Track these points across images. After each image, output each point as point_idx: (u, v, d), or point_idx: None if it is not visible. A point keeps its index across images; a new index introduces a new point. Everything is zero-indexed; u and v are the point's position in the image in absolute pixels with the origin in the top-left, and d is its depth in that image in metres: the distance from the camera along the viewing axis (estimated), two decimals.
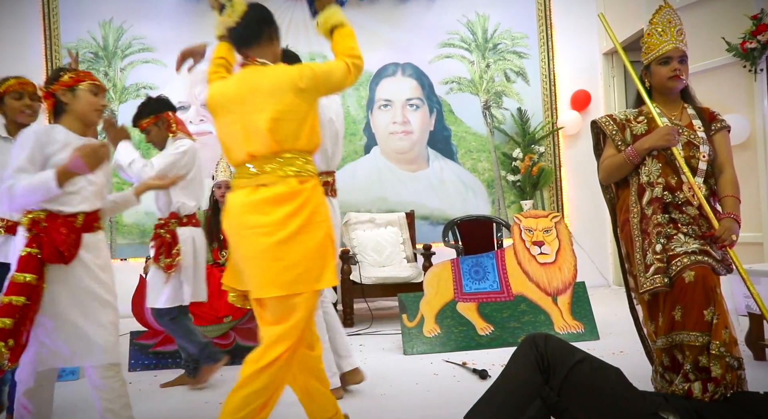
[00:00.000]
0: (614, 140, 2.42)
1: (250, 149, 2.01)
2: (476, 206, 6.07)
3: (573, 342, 2.51)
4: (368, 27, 6.02)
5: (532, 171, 5.89)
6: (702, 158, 2.30)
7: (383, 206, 5.94)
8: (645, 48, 2.40)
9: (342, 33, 2.27)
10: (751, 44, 4.22)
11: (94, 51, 5.79)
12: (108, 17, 5.82)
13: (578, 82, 6.16)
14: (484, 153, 6.15)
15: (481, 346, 3.77)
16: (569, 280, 3.96)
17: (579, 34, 6.16)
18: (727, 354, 2.06)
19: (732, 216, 2.23)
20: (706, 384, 2.06)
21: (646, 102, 2.40)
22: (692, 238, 2.23)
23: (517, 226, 4.10)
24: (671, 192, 2.29)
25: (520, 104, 6.14)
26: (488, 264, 4.05)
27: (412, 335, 3.81)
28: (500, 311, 3.91)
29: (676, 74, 2.32)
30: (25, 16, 5.67)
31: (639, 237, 2.29)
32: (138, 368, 3.54)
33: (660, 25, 2.36)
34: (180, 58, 2.53)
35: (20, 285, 2.01)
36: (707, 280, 2.12)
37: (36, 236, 2.06)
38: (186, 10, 5.88)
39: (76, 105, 2.19)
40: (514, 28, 6.18)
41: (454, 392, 2.92)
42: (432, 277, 4.00)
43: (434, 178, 6.07)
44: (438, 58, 6.12)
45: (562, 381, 1.70)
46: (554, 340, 1.77)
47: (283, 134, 2.01)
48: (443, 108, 6.12)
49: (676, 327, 2.16)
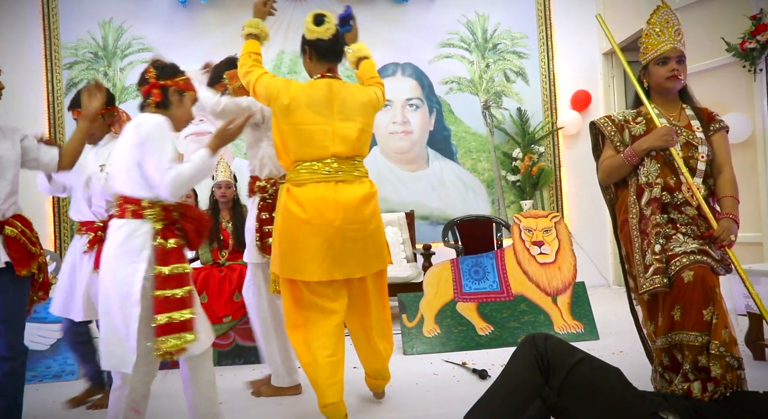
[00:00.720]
0: (613, 141, 2.42)
1: (337, 150, 2.42)
2: (476, 206, 6.08)
3: (573, 342, 2.51)
4: (368, 27, 6.00)
5: (531, 171, 5.90)
6: (701, 158, 2.31)
7: (383, 206, 5.93)
8: (643, 48, 2.41)
9: (368, 64, 2.73)
10: (751, 44, 4.22)
11: (93, 51, 5.78)
12: (108, 17, 5.82)
13: (578, 82, 6.16)
14: (483, 153, 6.15)
15: (480, 346, 3.77)
16: (569, 280, 3.96)
17: (579, 34, 6.15)
18: (726, 354, 2.07)
19: (731, 216, 2.23)
20: (706, 383, 2.06)
21: (644, 102, 2.41)
22: (691, 238, 2.23)
23: (517, 226, 4.10)
24: (670, 192, 2.29)
25: (520, 104, 6.14)
26: (488, 264, 4.05)
27: (412, 335, 3.81)
28: (500, 311, 3.91)
29: (674, 74, 2.32)
30: (25, 16, 5.67)
31: (638, 237, 2.30)
32: None
33: (658, 25, 2.36)
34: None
35: (182, 276, 2.04)
36: (706, 280, 2.12)
37: (170, 226, 2.07)
38: (185, 10, 5.89)
39: (179, 109, 2.22)
40: (513, 28, 6.18)
41: (454, 392, 2.92)
42: (432, 277, 4.00)
43: (434, 178, 6.08)
44: (438, 58, 6.13)
45: (561, 381, 1.70)
46: (554, 340, 1.78)
47: (362, 143, 2.50)
48: (443, 108, 6.13)
49: (675, 327, 2.16)
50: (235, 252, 3.88)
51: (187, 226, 2.10)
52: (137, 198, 2.05)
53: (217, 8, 5.90)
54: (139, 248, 2.01)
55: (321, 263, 2.37)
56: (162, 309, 1.99)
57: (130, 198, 2.06)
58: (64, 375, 3.42)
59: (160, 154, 2.02)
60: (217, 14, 5.89)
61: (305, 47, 2.56)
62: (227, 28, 5.80)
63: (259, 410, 2.81)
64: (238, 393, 3.07)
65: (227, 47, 5.56)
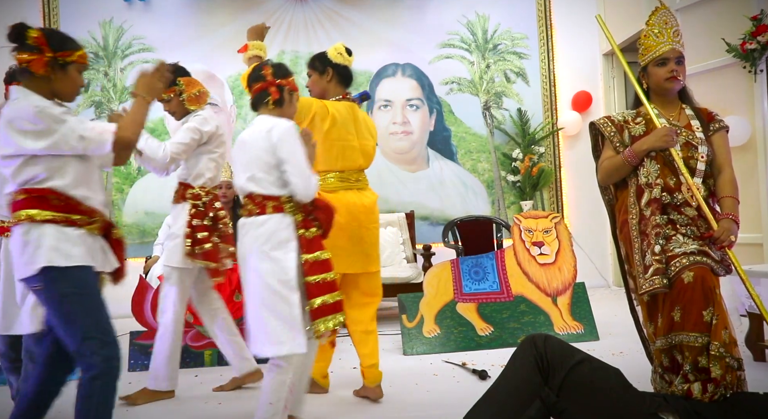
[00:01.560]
0: (612, 142, 2.42)
1: (362, 163, 2.84)
2: (476, 206, 6.08)
3: (573, 342, 2.51)
4: (368, 27, 6.03)
5: (532, 171, 5.90)
6: (700, 159, 2.30)
7: (383, 206, 5.92)
8: (642, 49, 2.41)
9: None
10: (751, 45, 4.22)
11: (94, 51, 5.78)
12: (108, 17, 5.82)
13: (578, 83, 6.16)
14: (484, 153, 6.15)
15: (480, 347, 3.77)
16: (569, 281, 3.96)
17: (579, 34, 6.15)
18: (726, 355, 2.06)
19: (730, 216, 2.23)
20: (706, 384, 2.06)
21: (644, 103, 2.41)
22: (691, 239, 2.23)
23: (517, 227, 4.10)
24: (670, 193, 2.29)
25: (520, 105, 6.14)
26: (488, 265, 4.05)
27: (412, 335, 3.81)
28: (500, 311, 3.91)
29: (674, 75, 2.32)
30: (26, 15, 5.64)
31: (638, 238, 2.29)
32: (138, 368, 3.54)
33: (656, 26, 2.36)
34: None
35: (326, 262, 2.23)
36: (706, 281, 2.12)
37: (307, 218, 2.23)
38: (186, 10, 5.89)
39: (290, 109, 2.36)
40: (514, 29, 6.18)
41: (453, 392, 2.92)
42: (432, 278, 4.00)
43: (434, 178, 6.08)
44: (438, 58, 6.13)
45: (561, 381, 1.70)
46: (554, 341, 1.78)
47: (373, 157, 2.92)
48: (443, 108, 6.13)
49: (675, 327, 2.16)
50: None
51: (320, 216, 2.26)
52: (276, 195, 2.20)
53: (217, 8, 5.90)
54: (287, 239, 2.18)
55: (355, 259, 2.77)
56: (316, 294, 2.17)
57: (268, 195, 2.19)
58: None
59: (297, 160, 2.18)
60: (218, 14, 5.89)
61: (328, 69, 2.80)
62: (227, 29, 5.80)
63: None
64: (238, 392, 3.08)
65: (227, 47, 5.59)
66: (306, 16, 5.94)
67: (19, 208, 1.93)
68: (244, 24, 6.48)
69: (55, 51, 1.97)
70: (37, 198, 1.92)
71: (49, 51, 1.96)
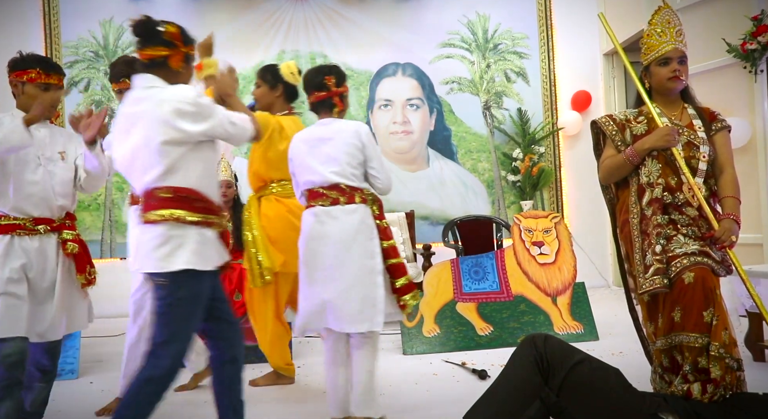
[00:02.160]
0: (614, 140, 2.42)
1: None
2: (476, 206, 6.08)
3: (572, 342, 2.51)
4: (368, 27, 6.03)
5: (532, 171, 5.90)
6: (702, 158, 2.30)
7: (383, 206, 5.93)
8: (644, 49, 2.40)
9: None
10: (752, 45, 4.22)
11: (94, 50, 5.79)
12: (108, 16, 5.82)
13: (578, 83, 6.16)
14: (484, 153, 6.15)
15: (480, 346, 3.77)
16: (569, 281, 3.96)
17: (579, 34, 6.15)
18: (726, 356, 2.06)
19: (732, 217, 2.22)
20: (706, 385, 2.06)
21: (646, 102, 2.40)
22: (692, 239, 2.23)
23: (517, 227, 4.10)
24: (671, 193, 2.28)
25: (521, 104, 6.14)
26: (488, 265, 4.05)
27: (412, 335, 3.81)
28: (500, 311, 3.91)
29: (676, 75, 2.32)
30: (26, 15, 5.67)
31: (638, 238, 2.29)
32: None
33: (659, 25, 2.36)
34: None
35: (396, 248, 2.46)
36: (706, 281, 2.12)
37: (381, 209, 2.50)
38: (186, 9, 5.88)
39: (345, 113, 2.58)
40: (514, 29, 6.18)
41: (453, 392, 2.92)
42: (432, 277, 4.00)
43: (434, 178, 6.08)
44: (438, 58, 6.13)
45: (561, 381, 1.70)
46: (554, 341, 1.78)
47: None
48: (443, 108, 6.13)
49: (675, 328, 2.16)
50: (235, 252, 3.87)
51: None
52: (361, 187, 2.44)
53: (217, 8, 5.89)
54: (372, 226, 2.42)
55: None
56: (400, 274, 2.42)
57: (355, 187, 2.42)
58: (64, 374, 3.41)
59: (379, 159, 2.47)
60: (218, 14, 5.89)
61: (279, 85, 2.99)
62: (228, 27, 5.80)
63: (260, 408, 2.81)
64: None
65: (228, 46, 5.59)
66: (306, 15, 5.94)
67: (162, 207, 1.94)
68: (244, 24, 6.47)
69: (186, 46, 2.09)
70: (183, 198, 1.95)
71: (183, 46, 2.07)
